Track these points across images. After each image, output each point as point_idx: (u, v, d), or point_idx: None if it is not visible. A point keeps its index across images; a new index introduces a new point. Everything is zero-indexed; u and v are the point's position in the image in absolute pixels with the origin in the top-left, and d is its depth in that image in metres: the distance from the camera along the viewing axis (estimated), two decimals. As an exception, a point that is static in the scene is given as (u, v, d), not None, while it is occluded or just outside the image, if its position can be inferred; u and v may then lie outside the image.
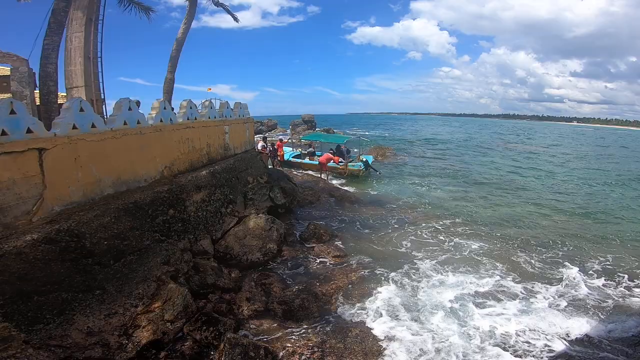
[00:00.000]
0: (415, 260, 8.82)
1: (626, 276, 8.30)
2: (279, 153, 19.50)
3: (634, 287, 7.85)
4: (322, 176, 18.05)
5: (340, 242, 9.76)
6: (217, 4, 16.18)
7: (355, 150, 23.59)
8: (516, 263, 8.83)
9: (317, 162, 19.06)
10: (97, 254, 5.31)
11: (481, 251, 9.44)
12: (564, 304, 7.14)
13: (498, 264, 8.70)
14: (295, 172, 18.01)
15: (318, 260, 8.55)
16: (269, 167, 16.34)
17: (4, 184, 4.78)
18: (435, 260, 8.84)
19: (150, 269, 5.71)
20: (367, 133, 53.81)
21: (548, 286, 7.79)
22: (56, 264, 4.61)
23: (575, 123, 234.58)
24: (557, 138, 62.43)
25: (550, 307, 7.01)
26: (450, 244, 9.93)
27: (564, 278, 8.15)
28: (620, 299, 7.37)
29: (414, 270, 8.30)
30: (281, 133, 45.86)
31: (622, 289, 7.80)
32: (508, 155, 32.42)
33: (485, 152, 33.96)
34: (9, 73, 9.52)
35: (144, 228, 6.60)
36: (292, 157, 20.83)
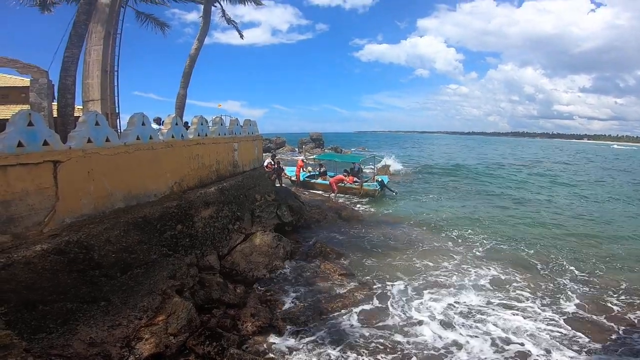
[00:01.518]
0: (422, 281, 8.59)
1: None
2: (296, 173, 19.55)
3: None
4: (331, 196, 17.92)
5: (346, 261, 9.58)
6: (229, 21, 16.55)
7: (369, 169, 23.39)
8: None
9: (328, 183, 19.01)
10: (105, 266, 5.27)
11: (493, 275, 9.07)
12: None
13: (510, 291, 8.40)
14: (304, 192, 17.90)
15: (324, 278, 8.36)
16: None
17: (17, 195, 4.81)
18: (443, 282, 8.60)
19: (156, 283, 5.64)
20: (381, 154, 53.57)
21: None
22: (63, 274, 4.57)
23: (585, 140, 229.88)
24: (574, 158, 60.46)
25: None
26: (460, 266, 9.65)
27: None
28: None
29: (420, 291, 8.07)
30: (290, 152, 46.07)
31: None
32: (523, 174, 31.66)
33: (497, 171, 33.32)
34: (28, 84, 9.62)
35: (152, 242, 6.57)
36: (306, 178, 20.63)
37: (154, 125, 9.00)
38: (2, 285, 3.79)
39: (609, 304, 7.72)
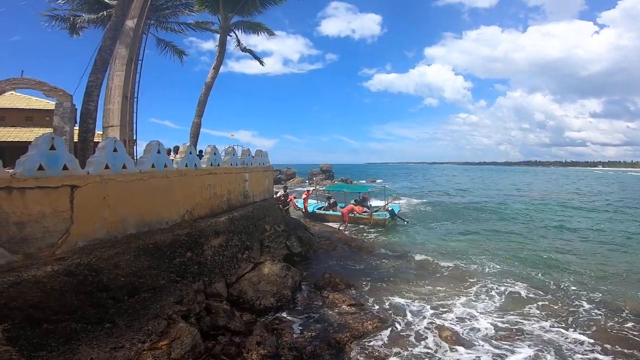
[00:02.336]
0: (432, 311, 8.19)
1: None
2: (303, 204, 19.49)
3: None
4: (341, 227, 17.68)
5: (355, 291, 9.25)
6: (244, 50, 16.99)
7: (379, 201, 23.22)
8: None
9: (340, 213, 18.77)
10: (113, 288, 5.21)
11: (507, 314, 8.59)
12: None
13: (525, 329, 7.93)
14: (314, 225, 17.70)
15: (333, 308, 8.03)
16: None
17: (34, 217, 4.89)
18: (453, 312, 8.18)
19: (163, 307, 5.52)
20: (394, 186, 53.13)
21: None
22: (71, 295, 4.52)
23: (600, 167, 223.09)
24: (592, 185, 58.30)
25: None
26: (471, 295, 9.22)
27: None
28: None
29: (430, 321, 7.67)
30: (301, 184, 45.81)
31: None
32: (539, 204, 30.76)
33: (510, 201, 32.49)
34: (53, 107, 9.65)
35: (160, 268, 6.50)
36: (316, 209, 20.53)
37: (172, 156, 9.17)
38: (9, 303, 3.75)
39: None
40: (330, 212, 19.96)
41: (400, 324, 7.51)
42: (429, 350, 6.52)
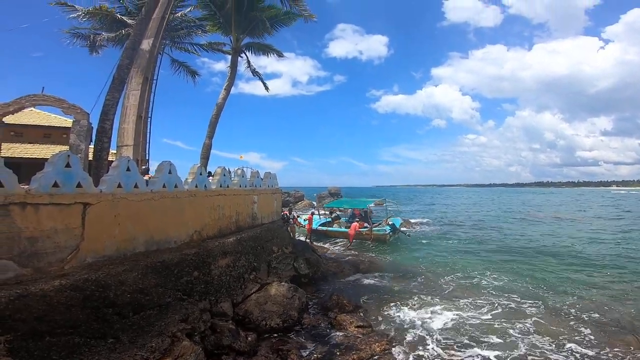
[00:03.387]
0: (442, 332, 7.80)
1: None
2: (307, 227, 19.24)
3: None
4: (345, 247, 17.20)
5: (363, 312, 8.90)
6: (254, 72, 17.21)
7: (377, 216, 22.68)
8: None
9: (345, 230, 18.27)
10: (119, 305, 5.10)
11: (519, 327, 8.20)
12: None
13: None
14: (321, 245, 17.42)
15: (340, 330, 7.72)
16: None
17: (46, 233, 4.90)
18: (465, 338, 7.77)
19: (167, 325, 5.36)
20: (405, 209, 52.18)
21: None
22: (77, 309, 4.43)
23: (614, 187, 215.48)
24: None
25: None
26: (480, 316, 8.79)
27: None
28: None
29: (438, 341, 7.29)
30: (308, 207, 44.94)
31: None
32: (548, 225, 29.83)
33: (521, 222, 31.53)
34: (70, 125, 9.55)
35: (167, 286, 6.38)
36: (319, 226, 20.11)
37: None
38: (13, 315, 3.69)
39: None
40: (334, 227, 19.46)
41: (408, 346, 7.16)
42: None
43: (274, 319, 7.60)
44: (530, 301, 9.80)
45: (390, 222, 18.57)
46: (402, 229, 18.59)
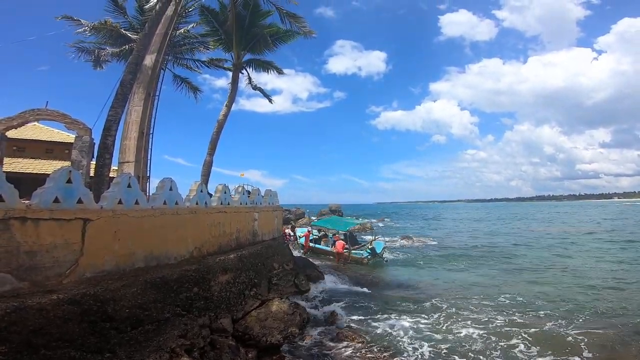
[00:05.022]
0: (443, 347, 7.56)
1: None
2: (304, 244, 19.11)
3: None
4: (341, 263, 17.06)
5: (365, 328, 8.67)
6: (255, 88, 17.19)
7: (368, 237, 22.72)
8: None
9: (330, 249, 18.54)
10: (117, 319, 4.99)
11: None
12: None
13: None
14: (320, 262, 17.24)
15: (341, 346, 7.50)
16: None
17: (45, 247, 4.86)
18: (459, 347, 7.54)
19: (166, 340, 5.24)
20: (405, 225, 51.52)
21: None
22: (74, 323, 4.34)
23: (616, 199, 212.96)
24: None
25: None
26: (474, 329, 8.54)
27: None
28: None
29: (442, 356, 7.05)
30: (309, 224, 44.28)
31: None
32: (547, 240, 29.12)
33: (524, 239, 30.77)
34: (73, 141, 9.43)
35: (166, 301, 6.27)
36: (312, 239, 20.52)
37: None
38: (9, 327, 3.61)
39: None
40: (321, 245, 19.72)
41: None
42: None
43: (274, 335, 7.40)
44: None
45: (371, 246, 18.40)
46: (384, 254, 18.40)
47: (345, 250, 17.71)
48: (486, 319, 9.26)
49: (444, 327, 8.81)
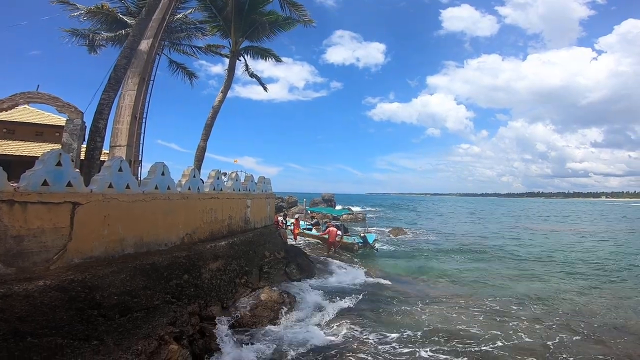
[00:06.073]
0: (436, 341, 7.73)
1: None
2: (294, 231, 19.20)
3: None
4: (330, 252, 17.16)
5: (355, 316, 8.79)
6: (252, 75, 17.02)
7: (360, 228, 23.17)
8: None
9: (321, 235, 18.79)
10: (105, 307, 4.98)
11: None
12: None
13: None
14: (309, 251, 17.43)
15: (331, 334, 7.64)
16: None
17: (32, 232, 4.78)
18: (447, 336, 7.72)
19: (155, 328, 5.25)
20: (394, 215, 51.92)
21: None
22: (61, 310, 4.31)
23: (603, 199, 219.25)
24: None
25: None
26: (463, 325, 8.74)
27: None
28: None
29: (427, 345, 7.22)
30: (301, 212, 44.55)
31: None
32: (535, 235, 29.73)
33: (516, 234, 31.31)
34: (64, 124, 9.29)
35: (156, 288, 6.26)
36: (303, 229, 20.88)
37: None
38: (-5, 314, 3.57)
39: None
40: (313, 232, 20.14)
41: (395, 350, 7.06)
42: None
43: (264, 323, 7.50)
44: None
45: (363, 235, 18.69)
46: (375, 245, 18.71)
47: (338, 237, 17.82)
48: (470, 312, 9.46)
49: (432, 316, 8.99)
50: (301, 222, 21.54)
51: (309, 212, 23.61)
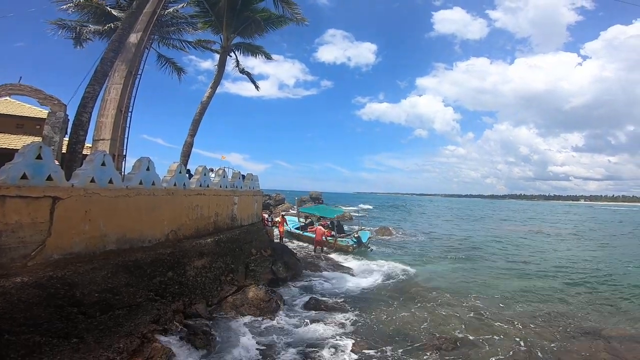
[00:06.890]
0: (418, 340, 7.86)
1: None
2: (279, 229, 19.02)
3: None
4: (316, 252, 17.00)
5: (342, 315, 8.84)
6: (242, 72, 16.89)
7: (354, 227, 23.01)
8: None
9: (313, 235, 18.36)
10: (86, 304, 4.89)
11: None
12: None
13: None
14: (297, 248, 17.39)
15: (316, 332, 7.67)
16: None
17: (10, 227, 4.63)
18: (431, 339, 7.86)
19: (137, 325, 5.19)
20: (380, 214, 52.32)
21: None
22: (39, 308, 4.21)
23: (582, 202, 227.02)
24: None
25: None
26: (457, 325, 8.92)
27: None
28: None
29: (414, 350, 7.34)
30: (288, 210, 44.28)
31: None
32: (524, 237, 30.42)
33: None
34: (45, 116, 9.11)
35: (139, 286, 6.18)
36: (294, 228, 20.56)
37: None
38: (-30, 311, 3.46)
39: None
40: (307, 233, 19.77)
41: (383, 349, 7.15)
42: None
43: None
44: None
45: (357, 235, 18.71)
46: (369, 244, 18.77)
47: (330, 238, 17.86)
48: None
49: (416, 316, 9.13)
50: (290, 219, 21.17)
51: (301, 212, 23.10)
